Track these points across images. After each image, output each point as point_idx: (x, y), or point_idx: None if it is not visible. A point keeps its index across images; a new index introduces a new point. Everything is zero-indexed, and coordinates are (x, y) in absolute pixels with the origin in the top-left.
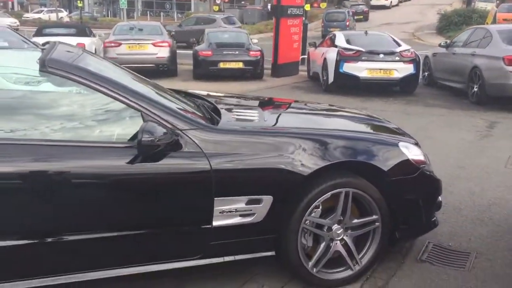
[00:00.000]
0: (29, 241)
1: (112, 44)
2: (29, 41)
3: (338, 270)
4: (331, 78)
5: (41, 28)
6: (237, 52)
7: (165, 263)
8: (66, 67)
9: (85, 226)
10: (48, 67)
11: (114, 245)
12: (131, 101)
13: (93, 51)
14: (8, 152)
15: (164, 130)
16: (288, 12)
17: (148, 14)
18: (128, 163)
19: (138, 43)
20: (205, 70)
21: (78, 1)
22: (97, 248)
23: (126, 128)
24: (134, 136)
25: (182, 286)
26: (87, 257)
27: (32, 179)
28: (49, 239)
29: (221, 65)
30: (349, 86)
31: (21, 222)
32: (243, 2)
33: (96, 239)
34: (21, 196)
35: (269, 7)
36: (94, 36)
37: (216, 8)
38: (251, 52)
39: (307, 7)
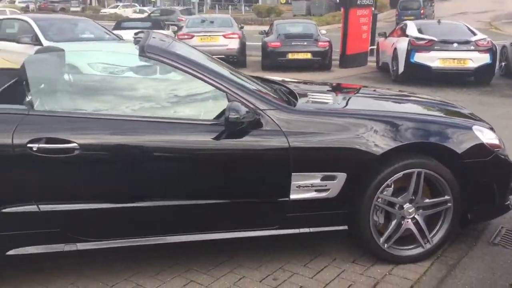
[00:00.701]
0: (138, 204)
1: (185, 37)
2: (112, 33)
3: (409, 247)
4: (401, 68)
5: (120, 22)
6: (305, 43)
7: (246, 231)
8: (161, 52)
9: (177, 193)
10: (146, 52)
11: (201, 212)
12: (217, 82)
13: None
14: (117, 126)
15: (247, 109)
16: (358, 2)
17: (217, 8)
18: (213, 138)
19: (210, 35)
20: (274, 61)
21: None
22: (189, 214)
23: (211, 107)
24: (219, 115)
25: (259, 256)
26: (180, 221)
27: (138, 149)
28: (153, 203)
29: (290, 56)
30: (420, 76)
31: (134, 187)
32: None
33: (186, 205)
34: (134, 162)
35: None
36: (168, 29)
37: (283, 0)
38: (320, 43)
39: None
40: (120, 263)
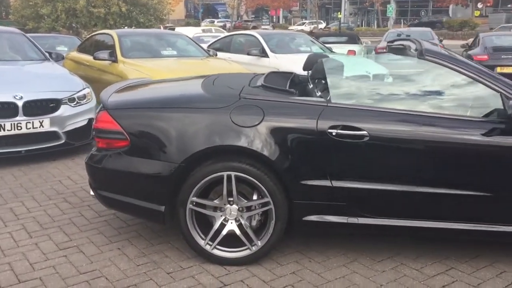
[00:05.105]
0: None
1: (383, 50)
2: (325, 46)
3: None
4: None
5: (318, 37)
6: None
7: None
8: (439, 55)
9: (444, 182)
10: (426, 55)
11: (467, 202)
12: (492, 83)
13: None
14: (397, 118)
15: None
16: None
17: (402, 22)
18: (483, 134)
19: None
20: None
21: (338, 13)
22: (457, 203)
23: (479, 105)
24: (488, 114)
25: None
26: (445, 209)
27: (414, 139)
28: (425, 189)
29: (498, 69)
30: None
31: (411, 172)
32: (509, 6)
33: (454, 194)
34: (411, 150)
35: None
36: (361, 43)
37: (477, 13)
38: None
39: None
40: (383, 242)
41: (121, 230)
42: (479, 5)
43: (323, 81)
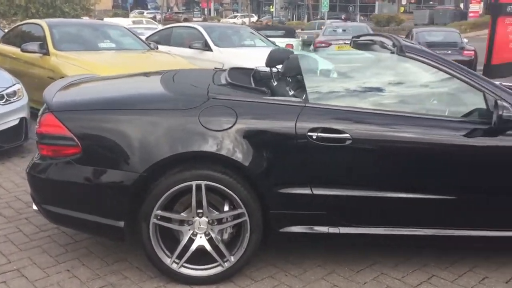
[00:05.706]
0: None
1: (323, 45)
2: (269, 40)
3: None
4: None
5: (259, 29)
6: (449, 52)
7: (493, 231)
8: (419, 51)
9: (429, 186)
10: (406, 52)
11: (453, 207)
12: (475, 82)
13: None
14: (380, 119)
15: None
16: (508, 10)
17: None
18: (463, 135)
19: (347, 43)
20: None
21: (270, 7)
22: (442, 208)
23: (458, 105)
24: (467, 114)
25: (494, 258)
26: (429, 215)
27: (403, 145)
28: (409, 195)
29: None
30: None
31: (394, 177)
32: (431, 3)
33: (437, 199)
34: (394, 154)
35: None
36: (298, 37)
37: (402, 9)
38: (465, 52)
39: None
40: (358, 250)
41: (68, 248)
42: (403, 1)
43: (296, 79)
